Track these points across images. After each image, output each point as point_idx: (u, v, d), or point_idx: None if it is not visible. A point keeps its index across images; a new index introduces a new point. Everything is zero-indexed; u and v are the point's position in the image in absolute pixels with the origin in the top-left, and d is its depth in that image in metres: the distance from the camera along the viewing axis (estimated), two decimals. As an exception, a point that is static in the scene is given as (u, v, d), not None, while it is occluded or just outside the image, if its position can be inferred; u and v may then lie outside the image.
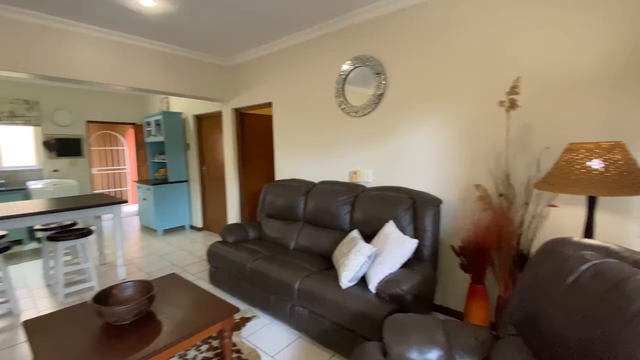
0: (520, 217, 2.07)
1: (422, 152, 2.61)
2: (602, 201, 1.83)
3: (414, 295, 1.95)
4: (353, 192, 2.76)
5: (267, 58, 3.79)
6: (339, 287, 2.10)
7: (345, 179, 3.14)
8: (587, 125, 1.90)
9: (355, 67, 2.98)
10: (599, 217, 1.83)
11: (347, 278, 2.11)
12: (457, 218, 2.44)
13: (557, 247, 1.30)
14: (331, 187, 2.92)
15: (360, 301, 1.97)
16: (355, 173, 3.06)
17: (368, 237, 2.48)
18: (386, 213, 2.43)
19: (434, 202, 2.37)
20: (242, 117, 4.42)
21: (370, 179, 2.95)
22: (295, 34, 3.35)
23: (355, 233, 2.46)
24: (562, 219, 1.96)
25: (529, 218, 2.05)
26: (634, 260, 1.10)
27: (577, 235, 1.91)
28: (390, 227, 2.30)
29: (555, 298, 1.16)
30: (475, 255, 2.17)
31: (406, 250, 2.09)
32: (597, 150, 1.47)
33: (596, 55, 1.85)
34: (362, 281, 2.15)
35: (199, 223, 5.35)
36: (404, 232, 2.32)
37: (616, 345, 0.92)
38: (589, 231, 1.57)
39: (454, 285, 2.47)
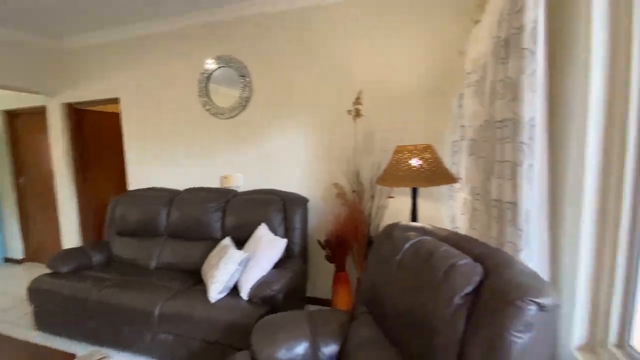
0: (369, 208, 2.41)
1: (290, 154, 2.73)
2: (422, 191, 2.32)
3: (286, 293, 2.01)
4: (224, 197, 2.64)
5: (114, 45, 3.19)
6: (208, 301, 1.96)
7: (215, 184, 2.97)
8: (412, 130, 2.38)
9: (220, 67, 2.85)
10: (422, 204, 2.31)
11: (216, 290, 1.99)
12: (322, 214, 2.65)
13: (390, 231, 1.56)
14: (199, 194, 2.71)
15: (231, 311, 1.89)
16: (225, 177, 2.93)
17: (241, 243, 2.41)
18: (258, 216, 2.42)
19: (302, 202, 2.51)
20: (79, 114, 3.60)
21: (241, 182, 2.88)
22: (151, 21, 2.94)
23: (227, 241, 2.35)
24: (398, 207, 2.39)
25: (375, 209, 2.42)
26: (441, 236, 1.42)
27: (406, 220, 2.36)
28: (262, 230, 2.30)
29: (388, 275, 1.38)
30: (337, 246, 2.41)
31: (277, 250, 2.13)
32: (415, 151, 1.85)
33: (417, 76, 2.34)
34: (235, 290, 2.07)
35: (18, 254, 4.07)
36: (276, 233, 2.36)
37: (430, 310, 1.15)
38: (414, 216, 1.96)
39: (323, 276, 2.68)
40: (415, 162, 1.85)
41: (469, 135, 1.73)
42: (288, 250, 2.35)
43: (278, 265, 2.20)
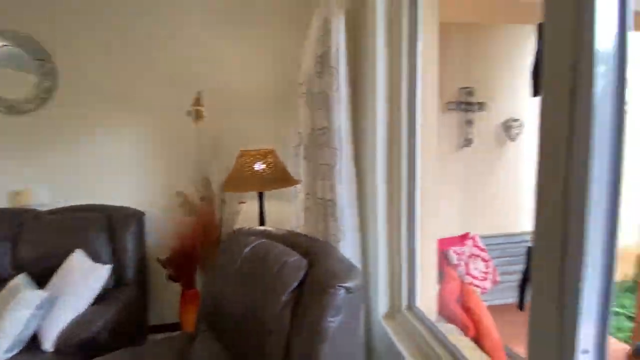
0: (220, 215, 2.30)
1: (120, 160, 2.31)
2: (273, 194, 2.38)
3: (114, 331, 1.67)
4: (15, 220, 1.98)
5: None
6: (-15, 367, 1.42)
7: (2, 203, 2.20)
8: (261, 134, 2.42)
9: (4, 46, 2.13)
10: (272, 206, 2.36)
11: (1, 348, 1.46)
12: (165, 228, 2.36)
13: (232, 239, 1.52)
14: (-30, 221, 1.94)
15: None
16: (19, 194, 2.21)
17: (45, 279, 1.85)
18: (72, 240, 1.92)
19: (136, 216, 2.15)
20: None
21: (46, 199, 2.23)
22: None
23: (19, 279, 1.76)
24: (250, 212, 2.37)
25: (227, 215, 2.33)
26: (279, 236, 1.47)
27: (256, 223, 2.38)
28: (76, 258, 1.84)
29: (229, 283, 1.34)
30: (184, 262, 2.19)
31: (96, 281, 1.74)
32: (258, 156, 1.88)
33: (262, 83, 2.39)
34: (35, 341, 1.57)
35: None
36: (99, 259, 1.93)
37: (266, 313, 1.17)
38: (261, 219, 1.98)
39: (171, 298, 2.38)
40: (258, 166, 1.87)
41: (303, 141, 1.88)
42: (118, 277, 1.97)
43: (103, 299, 1.80)
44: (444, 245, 2.45)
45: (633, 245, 2.84)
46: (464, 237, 2.47)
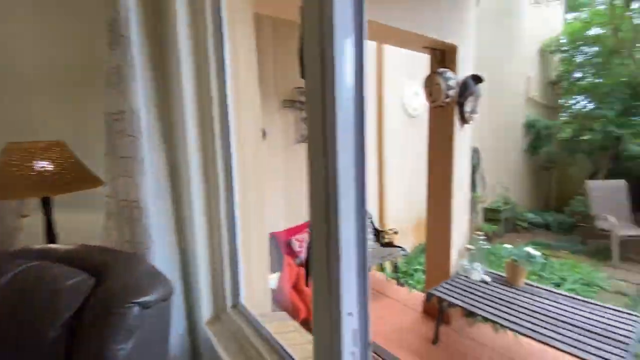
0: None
1: None
2: (61, 201, 1.80)
3: None
4: None
5: None
6: None
7: None
8: (51, 124, 1.84)
9: None
10: (67, 216, 1.83)
11: None
12: None
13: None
14: None
15: None
16: None
17: None
18: None
19: None
20: None
21: None
22: None
23: None
24: (40, 226, 1.78)
25: (2, 236, 1.68)
26: (62, 254, 1.13)
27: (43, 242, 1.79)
28: None
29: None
30: None
31: None
32: (35, 150, 1.40)
33: (56, 58, 1.82)
34: None
35: None
36: None
37: (27, 353, 0.86)
38: (50, 234, 1.51)
39: None
40: (37, 164, 1.40)
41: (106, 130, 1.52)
42: None
43: None
44: (289, 234, 2.55)
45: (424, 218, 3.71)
46: (305, 225, 2.64)
